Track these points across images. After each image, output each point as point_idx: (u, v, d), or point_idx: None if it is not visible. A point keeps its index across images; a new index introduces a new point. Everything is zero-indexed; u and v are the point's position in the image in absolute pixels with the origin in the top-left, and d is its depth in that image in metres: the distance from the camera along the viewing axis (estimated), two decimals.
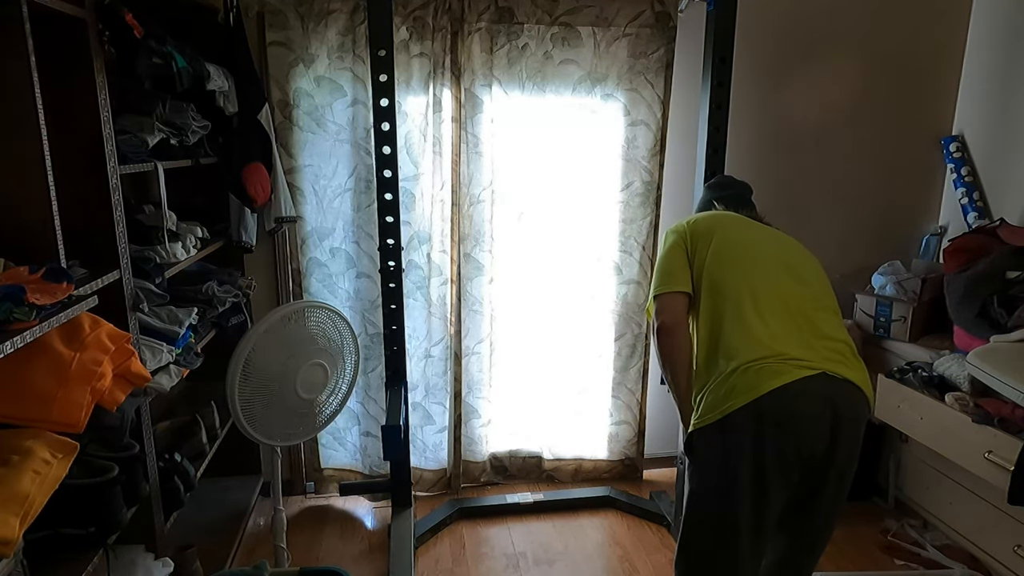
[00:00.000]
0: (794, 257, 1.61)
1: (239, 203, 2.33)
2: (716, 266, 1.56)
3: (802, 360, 1.42)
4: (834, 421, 1.41)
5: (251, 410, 1.93)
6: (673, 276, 1.60)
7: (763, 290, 1.51)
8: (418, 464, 2.88)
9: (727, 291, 1.52)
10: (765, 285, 1.52)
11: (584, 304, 2.86)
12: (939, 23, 2.78)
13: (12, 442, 1.20)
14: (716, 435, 1.44)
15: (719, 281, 1.54)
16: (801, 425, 1.41)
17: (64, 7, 1.40)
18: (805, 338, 1.46)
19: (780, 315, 1.48)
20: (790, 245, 1.65)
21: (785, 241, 1.66)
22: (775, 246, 1.63)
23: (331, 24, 2.47)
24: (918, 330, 2.57)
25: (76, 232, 1.48)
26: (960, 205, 2.76)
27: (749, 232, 1.66)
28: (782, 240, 1.66)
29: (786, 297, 1.52)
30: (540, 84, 2.63)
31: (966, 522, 2.42)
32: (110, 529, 1.44)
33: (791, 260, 1.60)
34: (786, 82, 2.77)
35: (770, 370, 1.40)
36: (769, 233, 1.68)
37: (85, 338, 1.36)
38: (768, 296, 1.51)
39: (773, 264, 1.57)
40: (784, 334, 1.46)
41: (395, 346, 2.46)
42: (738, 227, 1.67)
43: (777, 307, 1.50)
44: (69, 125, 1.50)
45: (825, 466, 1.45)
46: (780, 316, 1.48)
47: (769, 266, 1.56)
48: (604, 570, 2.42)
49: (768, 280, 1.53)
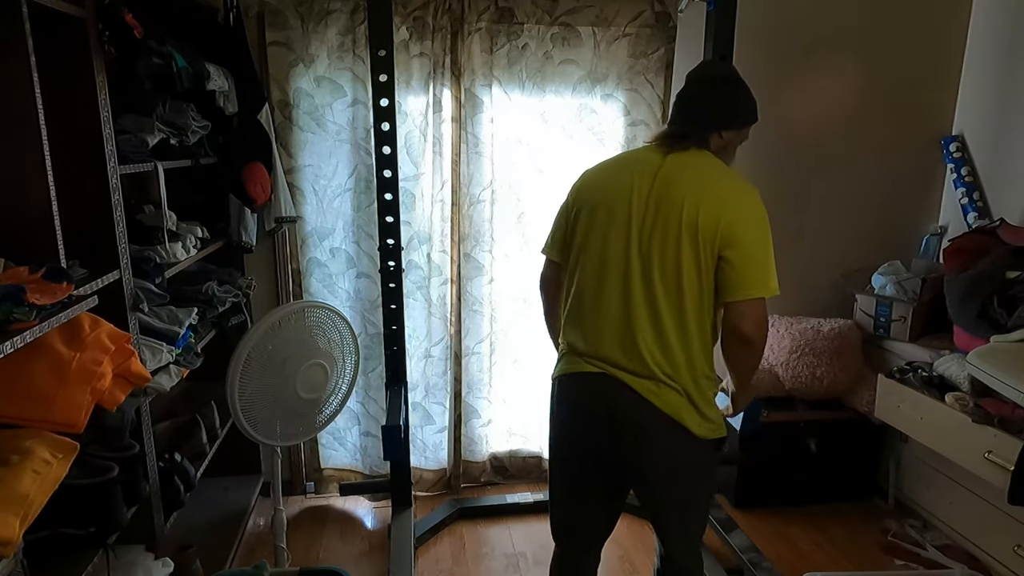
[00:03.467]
0: (665, 250, 1.43)
1: (239, 203, 2.33)
2: (582, 239, 1.55)
3: (602, 359, 1.51)
4: (609, 421, 1.51)
5: (251, 410, 1.93)
6: (550, 239, 1.68)
7: (607, 288, 1.50)
8: (418, 464, 2.88)
9: (580, 271, 1.56)
10: (610, 284, 1.50)
11: None
12: (939, 24, 2.78)
13: (12, 442, 1.21)
14: (552, 391, 1.66)
15: (576, 257, 1.57)
16: (574, 413, 1.59)
17: (64, 7, 1.40)
18: (625, 347, 1.49)
19: (609, 319, 1.50)
20: (677, 224, 1.42)
21: (672, 221, 1.42)
22: (648, 238, 1.45)
23: (331, 24, 2.46)
24: (918, 330, 2.57)
25: (76, 232, 1.48)
26: (960, 205, 2.76)
27: (633, 207, 1.46)
28: (668, 225, 1.42)
29: (623, 303, 1.48)
30: (540, 84, 2.63)
31: (966, 522, 2.42)
32: (110, 529, 1.44)
33: (656, 256, 1.44)
34: (786, 82, 2.76)
35: (569, 360, 1.58)
36: (664, 205, 1.43)
37: (85, 338, 1.36)
38: (607, 296, 1.50)
39: (633, 267, 1.47)
40: (607, 337, 1.51)
41: (395, 346, 2.46)
42: (623, 197, 1.47)
43: (610, 312, 1.50)
44: (69, 125, 1.50)
45: (626, 467, 1.55)
46: (608, 320, 1.50)
47: (624, 268, 1.48)
48: (604, 570, 2.40)
49: (614, 281, 1.49)
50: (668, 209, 1.43)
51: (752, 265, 1.41)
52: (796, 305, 2.96)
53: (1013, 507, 2.05)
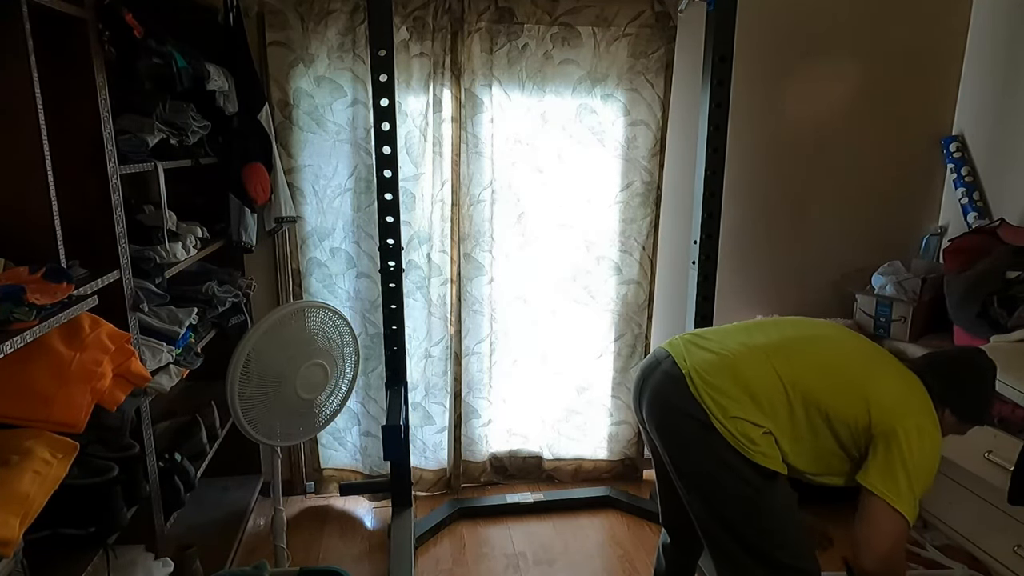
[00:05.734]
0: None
1: (239, 203, 2.33)
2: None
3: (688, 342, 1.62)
4: (642, 385, 1.62)
5: (251, 410, 1.93)
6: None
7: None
8: (418, 464, 2.88)
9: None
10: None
11: (584, 304, 2.86)
12: (939, 23, 2.78)
13: (12, 442, 1.20)
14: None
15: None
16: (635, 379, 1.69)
17: (64, 7, 1.40)
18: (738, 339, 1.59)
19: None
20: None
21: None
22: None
23: (331, 24, 2.46)
24: (918, 330, 2.57)
25: (76, 232, 1.48)
26: (960, 205, 2.76)
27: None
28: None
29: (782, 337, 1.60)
30: (540, 84, 2.63)
31: (966, 522, 2.41)
32: (110, 529, 1.44)
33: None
34: (786, 82, 2.77)
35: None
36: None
37: (85, 338, 1.36)
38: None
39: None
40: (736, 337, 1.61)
41: (395, 346, 2.46)
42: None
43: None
44: (69, 125, 1.50)
45: (652, 437, 1.62)
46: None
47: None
48: (604, 570, 2.42)
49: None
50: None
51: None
52: (796, 305, 2.96)
53: (1013, 507, 2.05)
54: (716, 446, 1.44)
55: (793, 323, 1.68)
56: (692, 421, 1.47)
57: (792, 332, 1.61)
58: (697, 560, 1.88)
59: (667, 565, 1.88)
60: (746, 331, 1.64)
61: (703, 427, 1.46)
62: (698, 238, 2.51)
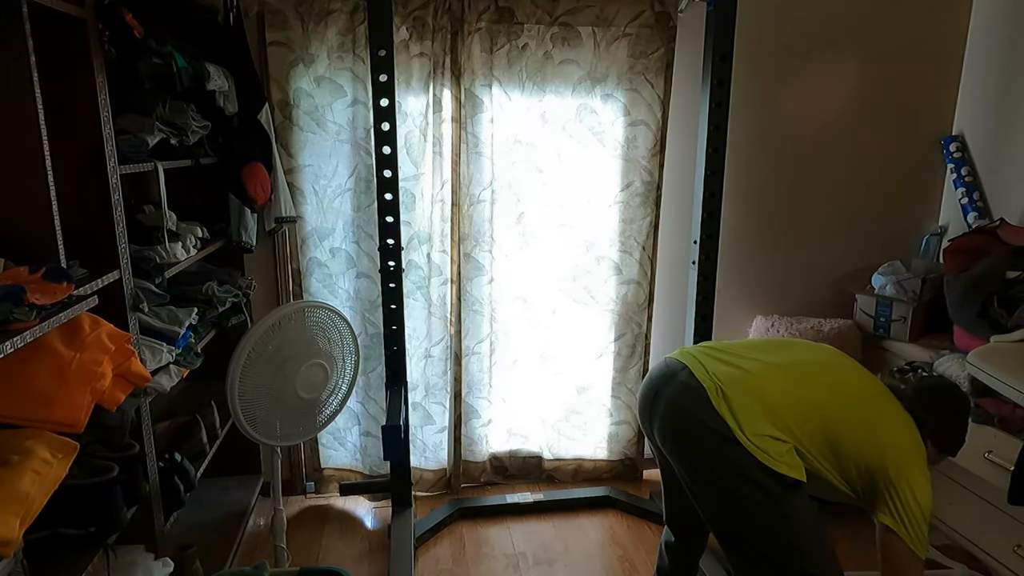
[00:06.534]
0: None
1: (239, 203, 2.33)
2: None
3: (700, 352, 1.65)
4: (654, 396, 1.63)
5: (251, 410, 1.93)
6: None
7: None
8: (418, 464, 2.88)
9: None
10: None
11: (584, 304, 2.86)
12: (939, 23, 2.78)
13: (12, 442, 1.20)
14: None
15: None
16: (643, 388, 1.71)
17: (64, 7, 1.40)
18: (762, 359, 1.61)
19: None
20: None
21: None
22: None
23: (331, 24, 2.46)
24: (918, 330, 2.57)
25: (76, 232, 1.48)
26: (960, 205, 2.76)
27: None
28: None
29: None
30: (540, 84, 2.63)
31: (966, 522, 2.41)
32: (110, 529, 1.44)
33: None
34: (786, 82, 2.77)
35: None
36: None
37: (85, 338, 1.36)
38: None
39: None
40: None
41: (395, 346, 2.46)
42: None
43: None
44: (69, 125, 1.50)
45: (662, 448, 1.62)
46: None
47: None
48: (604, 570, 2.42)
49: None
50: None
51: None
52: (796, 305, 2.96)
53: (1013, 507, 2.05)
54: (738, 459, 1.45)
55: (803, 347, 1.72)
56: (713, 434, 1.47)
57: (803, 356, 1.65)
58: (700, 558, 1.89)
59: (671, 563, 1.88)
60: (761, 349, 1.67)
61: (724, 440, 1.46)
62: (698, 238, 2.51)
